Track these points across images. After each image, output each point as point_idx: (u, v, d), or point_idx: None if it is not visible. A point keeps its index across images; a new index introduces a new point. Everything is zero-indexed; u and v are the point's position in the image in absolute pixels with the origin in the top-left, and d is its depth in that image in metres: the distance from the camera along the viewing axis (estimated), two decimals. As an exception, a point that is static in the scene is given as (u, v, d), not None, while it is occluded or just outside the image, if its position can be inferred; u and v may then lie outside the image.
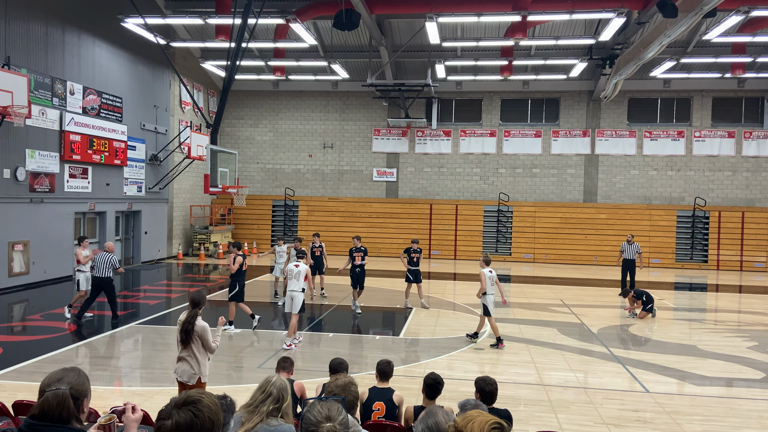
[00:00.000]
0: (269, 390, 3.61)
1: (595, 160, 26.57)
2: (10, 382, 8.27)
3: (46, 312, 13.25)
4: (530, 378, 9.01)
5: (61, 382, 2.48)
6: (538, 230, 26.26)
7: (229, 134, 28.65)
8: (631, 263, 17.01)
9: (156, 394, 7.90)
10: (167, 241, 24.09)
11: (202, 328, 6.12)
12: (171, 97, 23.93)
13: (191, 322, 6.11)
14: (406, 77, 26.34)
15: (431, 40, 19.97)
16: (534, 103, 27.05)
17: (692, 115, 26.03)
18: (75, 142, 17.86)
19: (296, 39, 21.00)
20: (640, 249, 17.24)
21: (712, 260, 25.30)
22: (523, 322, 13.12)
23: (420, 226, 26.81)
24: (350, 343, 11.28)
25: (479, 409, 4.07)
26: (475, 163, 27.25)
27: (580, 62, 22.42)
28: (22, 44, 15.84)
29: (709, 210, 25.40)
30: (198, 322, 6.13)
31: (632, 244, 17.04)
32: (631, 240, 17.14)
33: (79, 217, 18.89)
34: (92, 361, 9.73)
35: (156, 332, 11.77)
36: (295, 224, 27.81)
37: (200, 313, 6.25)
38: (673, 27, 15.25)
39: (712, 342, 11.86)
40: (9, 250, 15.63)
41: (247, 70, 25.37)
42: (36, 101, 16.21)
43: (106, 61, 19.63)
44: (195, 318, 6.14)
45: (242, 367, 9.51)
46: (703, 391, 8.69)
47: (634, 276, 17.14)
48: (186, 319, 6.18)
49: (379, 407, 5.29)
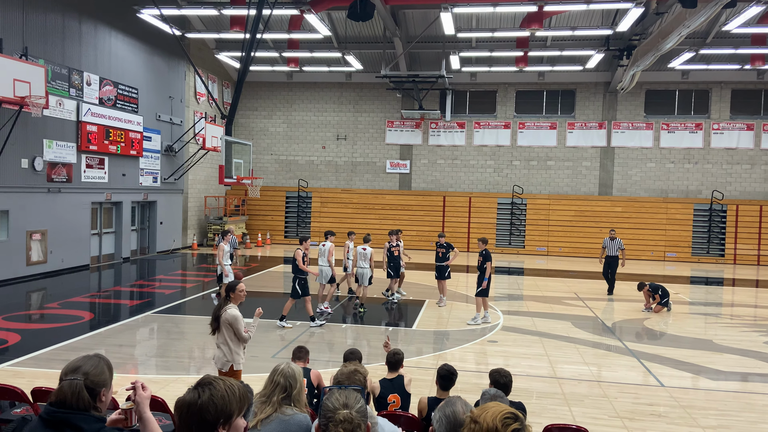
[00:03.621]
0: (277, 379, 3.65)
1: (611, 153, 26.33)
2: (28, 369, 8.40)
3: (64, 300, 13.43)
4: (544, 371, 8.99)
5: (77, 372, 2.49)
6: (553, 223, 26.10)
7: (244, 125, 28.74)
8: (614, 260, 15.90)
9: (172, 382, 7.98)
10: (182, 231, 24.28)
11: (233, 317, 6.14)
12: (186, 88, 24.04)
13: (222, 310, 6.19)
14: (420, 68, 26.21)
15: (446, 31, 19.85)
16: (549, 94, 26.83)
17: (711, 107, 25.68)
18: (92, 133, 18.01)
19: (310, 30, 20.98)
20: (623, 245, 16.05)
21: (729, 254, 25.02)
22: (536, 315, 13.08)
23: (433, 218, 26.76)
24: (363, 334, 11.31)
25: (498, 399, 4.09)
26: (489, 155, 27.12)
27: (596, 53, 22.17)
28: (39, 35, 15.97)
29: (727, 204, 25.10)
30: (228, 310, 6.17)
31: (614, 239, 15.87)
32: (613, 235, 15.97)
33: (95, 207, 19.08)
34: (108, 349, 9.85)
35: (171, 321, 11.89)
36: (308, 216, 27.89)
37: (236, 303, 6.29)
38: (693, 17, 15.04)
39: (728, 336, 11.75)
40: (27, 239, 15.84)
41: (262, 61, 25.41)
42: (53, 92, 16.36)
43: (122, 52, 19.75)
44: (225, 306, 6.20)
45: (257, 357, 9.58)
46: (718, 386, 8.62)
47: (615, 273, 15.99)
48: (217, 306, 6.27)
49: (394, 399, 5.31)
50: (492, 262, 12.52)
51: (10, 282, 15.15)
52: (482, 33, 20.84)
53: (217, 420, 2.17)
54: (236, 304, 6.30)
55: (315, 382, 5.75)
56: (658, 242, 25.45)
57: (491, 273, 12.34)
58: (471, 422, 2.06)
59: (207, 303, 14.21)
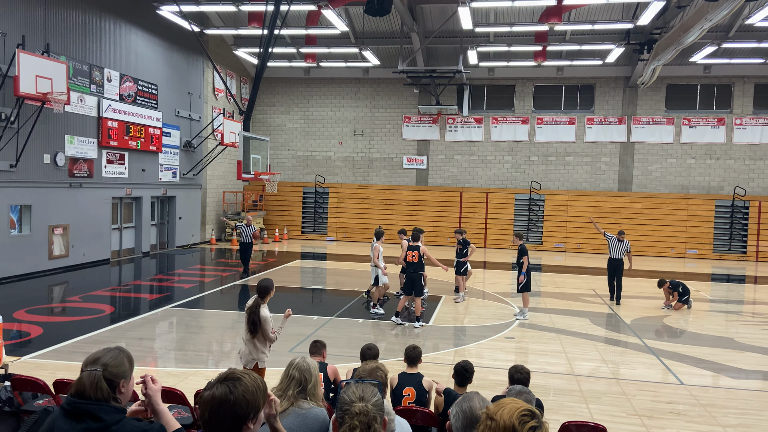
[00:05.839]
0: (292, 374, 3.68)
1: (631, 148, 26.02)
2: (50, 361, 8.54)
3: (85, 294, 13.62)
4: (561, 368, 8.93)
5: (96, 363, 2.53)
6: (571, 219, 25.88)
7: (261, 121, 28.87)
8: (620, 264, 14.15)
9: (191, 375, 8.07)
10: (201, 226, 24.49)
11: (263, 318, 6.20)
12: (204, 84, 24.20)
13: (255, 312, 6.20)
14: (438, 64, 26.08)
15: (463, 26, 19.72)
16: (568, 89, 26.56)
17: (733, 101, 25.24)
18: (112, 129, 18.22)
19: (328, 25, 20.99)
20: (630, 248, 14.30)
21: (751, 251, 24.62)
22: (554, 312, 12.99)
23: (450, 214, 26.68)
24: (380, 330, 11.33)
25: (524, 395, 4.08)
26: (507, 150, 26.94)
27: (616, 47, 21.89)
28: (60, 32, 16.18)
29: (749, 200, 24.68)
30: (260, 311, 6.21)
31: (623, 241, 14.09)
32: (621, 237, 14.14)
33: (116, 202, 19.31)
34: (128, 342, 9.97)
35: (190, 315, 12.01)
36: (326, 211, 27.97)
37: (266, 301, 6.33)
38: (715, 11, 14.76)
39: (749, 335, 11.57)
40: (49, 233, 16.09)
41: (279, 57, 25.48)
42: (74, 88, 16.57)
43: (142, 48, 19.93)
44: (258, 307, 6.22)
45: (273, 351, 9.63)
46: (739, 384, 8.50)
47: (621, 278, 14.30)
48: (250, 308, 6.26)
49: (409, 392, 5.32)
50: (529, 255, 12.30)
51: (32, 275, 15.40)
52: (500, 27, 20.66)
53: (248, 415, 2.21)
54: (266, 304, 6.34)
55: (332, 376, 5.78)
56: (679, 239, 25.12)
57: (528, 267, 12.20)
58: (487, 419, 2.04)
59: (226, 297, 14.34)
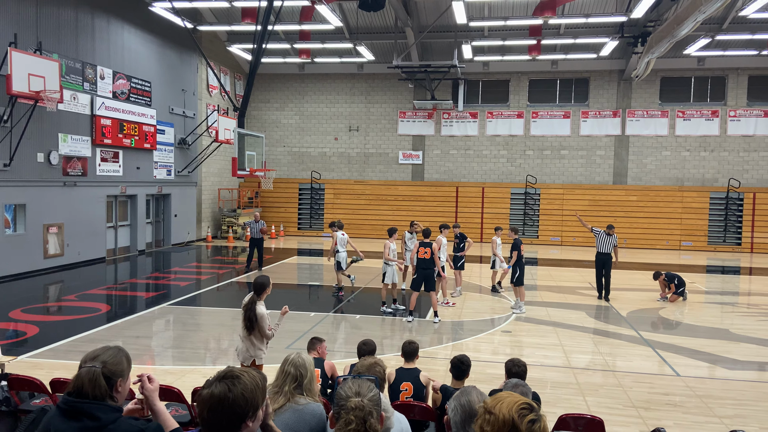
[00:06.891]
0: (287, 369, 3.68)
1: (626, 141, 26.07)
2: (47, 360, 8.52)
3: (81, 293, 13.59)
4: (558, 361, 8.96)
5: (95, 360, 2.53)
6: (566, 213, 25.94)
7: (256, 117, 28.79)
8: (608, 258, 13.84)
9: (188, 372, 8.06)
10: (196, 223, 24.44)
11: (260, 315, 6.19)
12: (198, 81, 24.11)
13: (252, 309, 6.18)
14: (432, 58, 26.05)
15: (458, 20, 19.69)
16: (563, 83, 26.58)
17: (727, 93, 25.30)
18: (106, 126, 18.14)
19: (322, 21, 20.92)
20: (617, 242, 14.03)
21: (745, 243, 24.73)
22: (550, 305, 13.03)
23: (446, 208, 26.69)
24: (376, 325, 11.34)
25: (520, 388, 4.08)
26: (502, 145, 26.96)
27: (610, 41, 21.91)
28: (52, 30, 16.08)
29: (744, 191, 24.78)
30: (256, 308, 6.20)
31: (611, 235, 13.80)
32: (610, 231, 13.84)
33: (111, 200, 19.24)
34: (125, 341, 9.96)
35: (187, 313, 12.00)
36: (322, 207, 27.95)
37: (263, 299, 6.31)
38: (709, 3, 14.75)
39: (744, 326, 11.63)
40: (44, 232, 16.03)
41: (273, 53, 25.39)
42: (67, 86, 16.48)
43: (135, 45, 19.83)
44: (255, 304, 6.21)
45: (270, 347, 9.63)
46: (735, 375, 8.55)
47: (610, 273, 13.95)
48: (247, 305, 6.24)
49: (406, 387, 5.33)
50: (520, 250, 12.29)
51: (28, 275, 15.35)
52: (495, 21, 20.64)
53: (246, 413, 2.20)
54: (262, 301, 6.33)
55: (329, 372, 5.78)
56: (674, 231, 25.21)
57: (514, 261, 12.22)
58: (485, 413, 2.03)
59: (222, 294, 14.32)
